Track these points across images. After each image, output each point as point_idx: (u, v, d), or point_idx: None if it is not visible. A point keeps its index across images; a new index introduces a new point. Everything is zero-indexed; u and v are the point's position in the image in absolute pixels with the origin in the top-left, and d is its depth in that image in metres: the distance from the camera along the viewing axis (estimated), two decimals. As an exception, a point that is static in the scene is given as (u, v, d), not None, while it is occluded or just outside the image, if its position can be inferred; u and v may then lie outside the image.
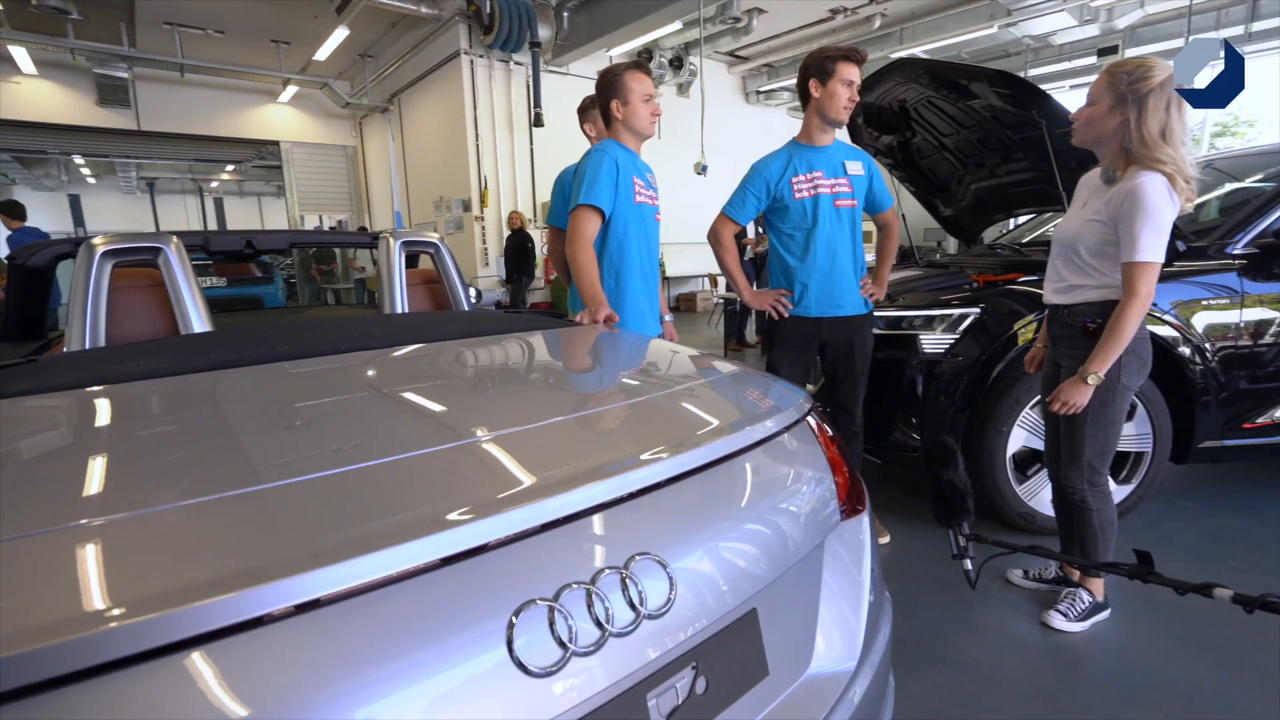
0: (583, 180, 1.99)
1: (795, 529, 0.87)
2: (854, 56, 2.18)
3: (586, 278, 1.92)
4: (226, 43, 10.10)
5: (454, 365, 1.21)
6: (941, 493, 1.63)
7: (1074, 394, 1.71)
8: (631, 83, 2.04)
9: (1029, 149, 2.93)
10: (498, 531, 0.59)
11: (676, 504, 0.75)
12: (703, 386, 1.09)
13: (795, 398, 1.05)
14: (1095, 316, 1.74)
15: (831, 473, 0.98)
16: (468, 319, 1.56)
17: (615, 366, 1.30)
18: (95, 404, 0.95)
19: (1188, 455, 2.45)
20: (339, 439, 0.80)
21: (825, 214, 2.29)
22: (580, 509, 0.65)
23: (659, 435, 0.85)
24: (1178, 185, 1.61)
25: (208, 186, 21.15)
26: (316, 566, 0.50)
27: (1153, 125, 1.60)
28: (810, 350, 2.42)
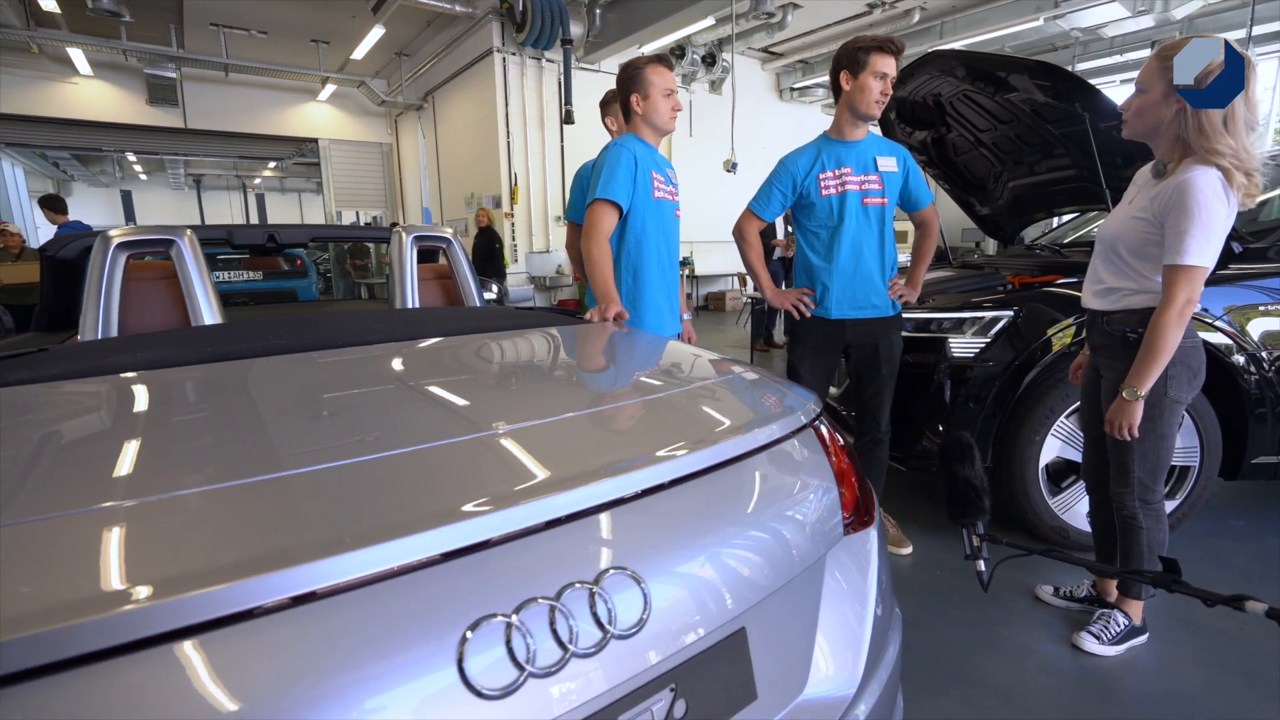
0: (600, 175, 1.96)
1: (792, 543, 0.82)
2: (888, 48, 2.09)
3: (600, 273, 1.88)
4: (269, 43, 10.37)
5: (450, 363, 1.19)
6: (956, 490, 1.56)
7: (1122, 414, 1.60)
8: (652, 76, 1.99)
9: (1071, 145, 2.79)
10: (454, 541, 0.55)
11: (658, 515, 0.70)
12: (703, 389, 1.04)
13: (801, 403, 0.99)
14: (1136, 326, 1.63)
15: (837, 483, 0.92)
16: (475, 315, 1.54)
17: (614, 367, 1.26)
18: (95, 393, 0.95)
19: (1239, 471, 2.30)
20: (315, 437, 0.78)
21: (852, 212, 2.20)
22: (549, 519, 0.61)
23: (645, 441, 0.81)
24: (1234, 180, 1.49)
25: (251, 183, 21.86)
26: (254, 574, 0.47)
27: (1213, 111, 1.47)
28: (832, 353, 2.34)
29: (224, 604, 0.45)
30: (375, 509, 0.59)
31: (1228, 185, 1.48)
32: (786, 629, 0.80)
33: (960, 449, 1.57)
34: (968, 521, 1.53)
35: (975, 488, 1.52)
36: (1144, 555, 1.74)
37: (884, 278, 2.26)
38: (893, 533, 2.43)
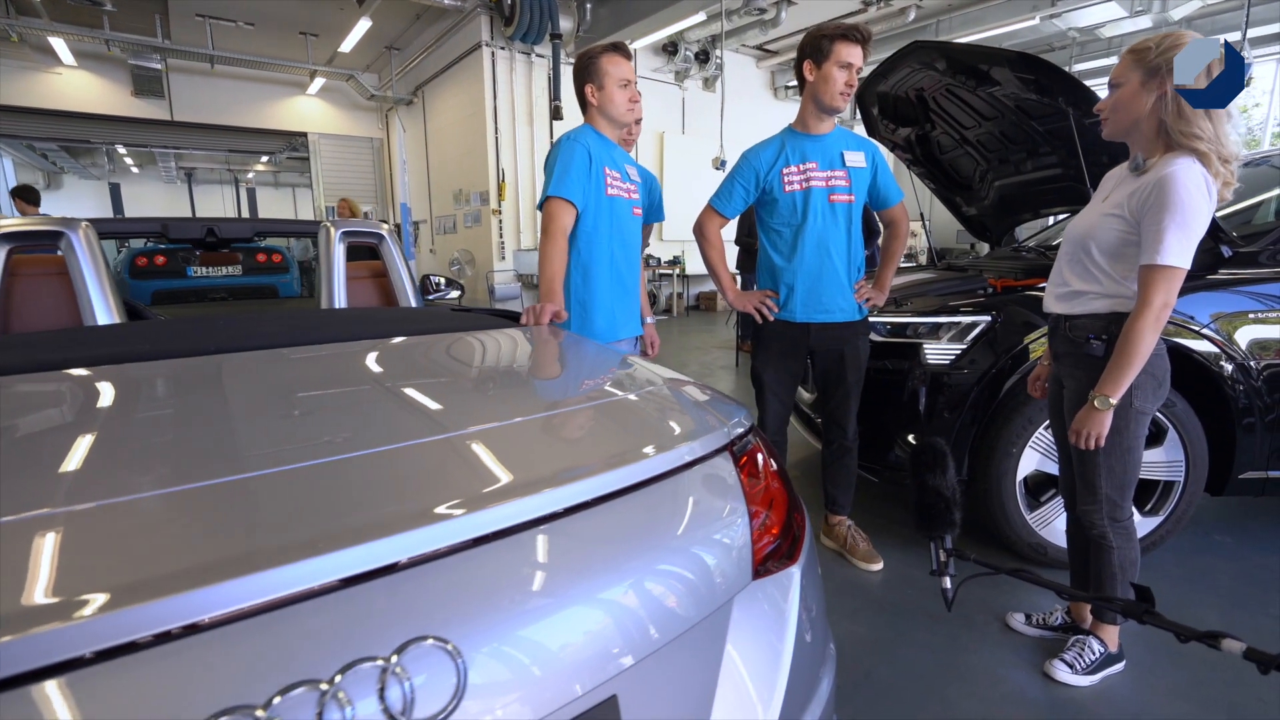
0: (552, 171, 1.84)
1: (685, 590, 0.70)
2: (853, 36, 1.97)
3: (546, 271, 1.76)
4: (256, 35, 10.22)
5: (347, 372, 1.07)
6: (925, 500, 1.45)
7: (1089, 423, 1.49)
8: (607, 66, 1.87)
9: (1057, 142, 2.68)
10: (204, 610, 0.43)
11: (496, 567, 0.58)
12: (609, 407, 0.92)
13: (719, 423, 0.87)
14: (1099, 333, 1.52)
15: (753, 517, 0.81)
16: (399, 317, 1.42)
17: (521, 380, 1.13)
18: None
19: (1226, 486, 2.19)
20: (143, 459, 0.66)
21: (817, 209, 2.09)
22: (344, 576, 0.49)
23: (510, 472, 0.69)
24: (1213, 167, 1.38)
25: (244, 177, 21.69)
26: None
27: None
28: (797, 357, 2.22)
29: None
30: (104, 574, 0.47)
31: (1209, 178, 1.38)
32: (675, 692, 0.68)
33: (933, 456, 1.46)
34: (935, 535, 1.42)
35: (945, 499, 1.41)
36: (1115, 576, 1.63)
37: (850, 280, 2.15)
38: (863, 547, 2.32)
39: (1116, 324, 1.49)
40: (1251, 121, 14.08)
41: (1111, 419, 1.48)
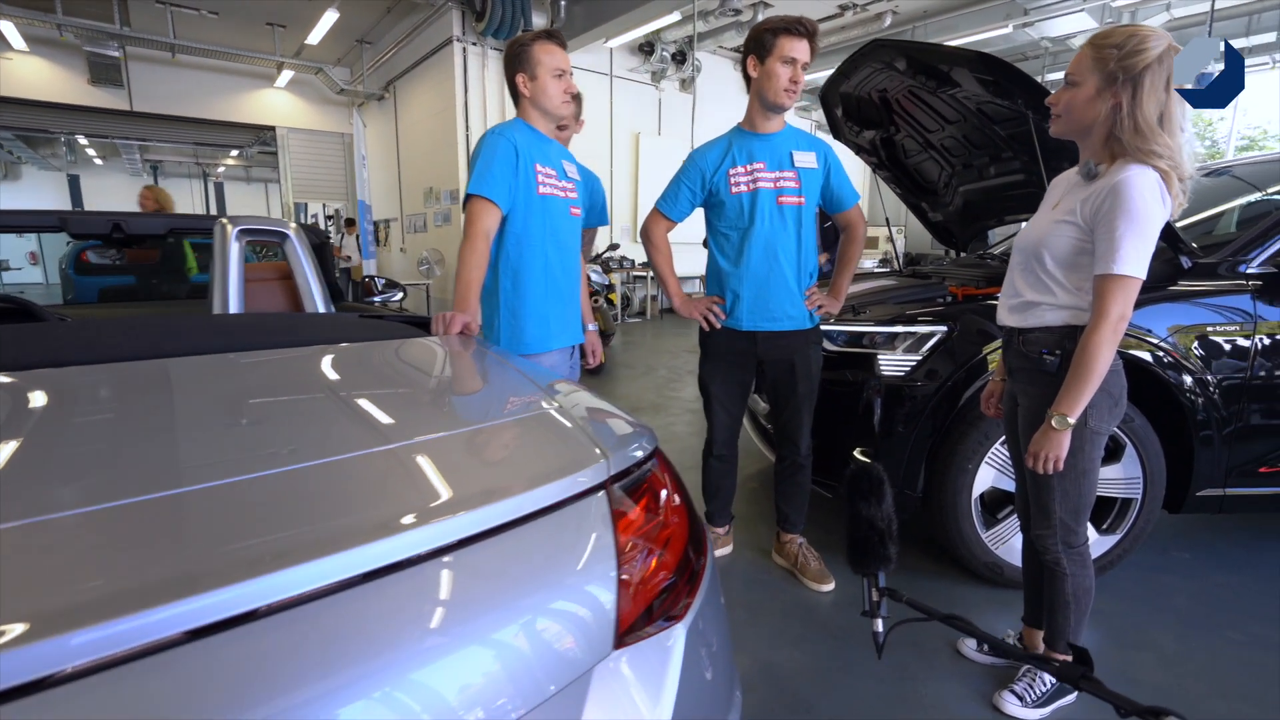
0: (473, 167, 1.70)
1: (521, 667, 0.58)
2: (797, 29, 1.87)
3: (462, 277, 1.62)
4: (220, 24, 9.91)
5: (184, 388, 0.93)
6: (858, 532, 1.35)
7: (1047, 444, 1.40)
8: (540, 54, 1.74)
9: (1019, 147, 2.61)
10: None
11: (270, 647, 0.45)
12: (468, 438, 0.80)
13: (595, 458, 0.75)
14: (1053, 347, 1.43)
15: (619, 570, 0.68)
16: (282, 326, 1.28)
17: (392, 401, 0.99)
18: None
19: (1184, 503, 2.13)
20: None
21: (764, 212, 1.98)
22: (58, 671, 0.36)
23: (310, 523, 0.56)
24: (1173, 185, 1.30)
25: (214, 171, 21.15)
26: None
27: (1150, 109, 1.29)
28: (745, 368, 2.12)
29: None
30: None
31: (1166, 188, 1.30)
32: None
33: (869, 483, 1.37)
34: (868, 571, 1.32)
35: (879, 531, 1.31)
36: (1069, 604, 1.55)
37: (800, 286, 2.04)
38: (815, 567, 2.22)
39: (1072, 338, 1.40)
40: (1216, 134, 14.40)
41: (1070, 439, 1.39)
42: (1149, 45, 1.28)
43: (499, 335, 1.83)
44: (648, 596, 0.75)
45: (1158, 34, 1.30)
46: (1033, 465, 1.43)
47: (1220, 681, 1.73)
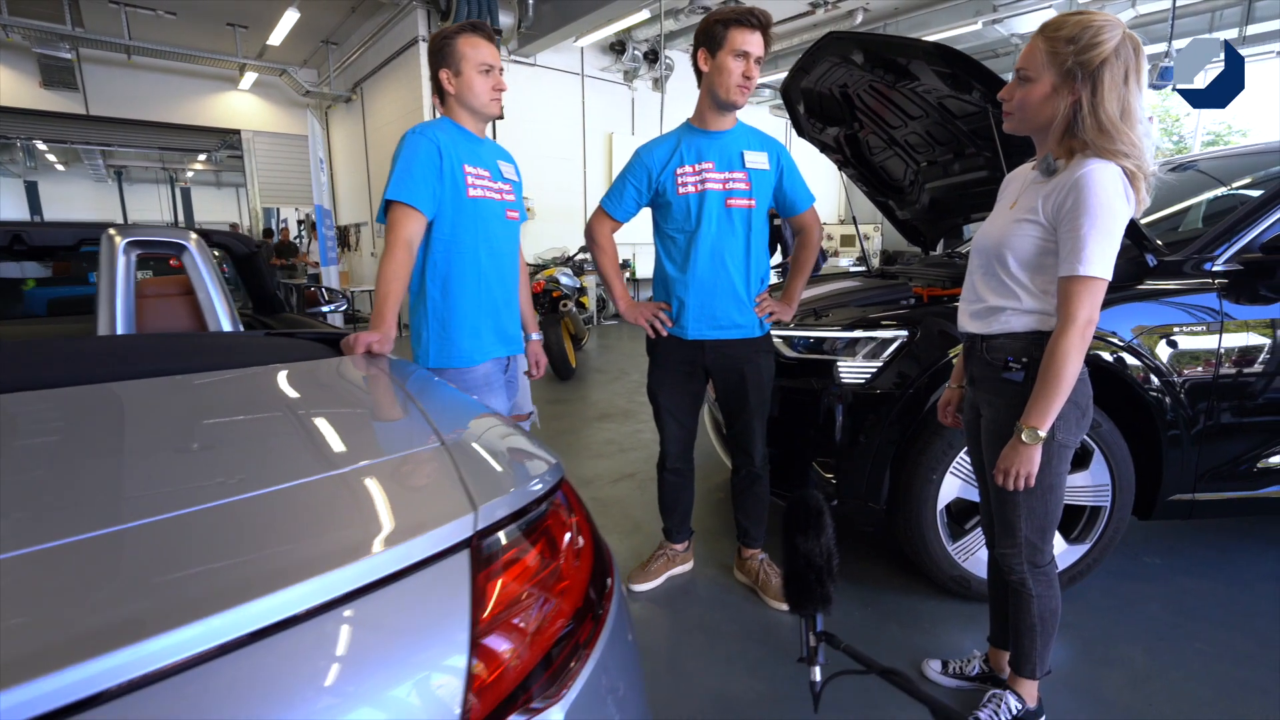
0: (393, 171, 1.58)
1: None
2: (749, 21, 1.76)
3: (378, 291, 1.50)
4: (178, 25, 9.62)
5: (41, 424, 0.80)
6: (795, 568, 1.25)
7: (1016, 459, 1.30)
8: (465, 48, 1.62)
9: (981, 143, 2.53)
10: None
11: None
12: (325, 485, 0.68)
13: (463, 509, 0.64)
14: (1019, 355, 1.34)
15: (472, 654, 0.57)
16: (168, 349, 1.15)
17: (249, 439, 0.86)
18: None
19: (1154, 510, 2.06)
20: None
21: (712, 214, 1.88)
22: None
23: (115, 601, 0.44)
24: (1138, 183, 1.22)
25: (183, 176, 20.68)
26: None
27: (1112, 105, 1.20)
28: (693, 377, 2.01)
29: None
30: None
31: (1130, 185, 1.22)
32: None
33: (806, 514, 1.26)
34: (804, 612, 1.22)
35: (817, 569, 1.21)
36: (1035, 628, 1.46)
37: (750, 292, 1.94)
38: (776, 584, 2.12)
39: (1039, 344, 1.31)
40: (1183, 129, 14.63)
41: (1040, 454, 1.30)
42: (1104, 37, 1.19)
43: (428, 347, 1.71)
44: (552, 634, 0.65)
45: (1111, 22, 1.21)
46: (1001, 482, 1.34)
47: (1190, 701, 1.65)
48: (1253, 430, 2.03)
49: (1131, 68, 1.21)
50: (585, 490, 3.16)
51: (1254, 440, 2.03)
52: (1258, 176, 2.49)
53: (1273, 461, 2.04)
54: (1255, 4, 8.21)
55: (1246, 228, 2.02)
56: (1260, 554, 2.38)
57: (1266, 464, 2.04)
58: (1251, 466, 2.04)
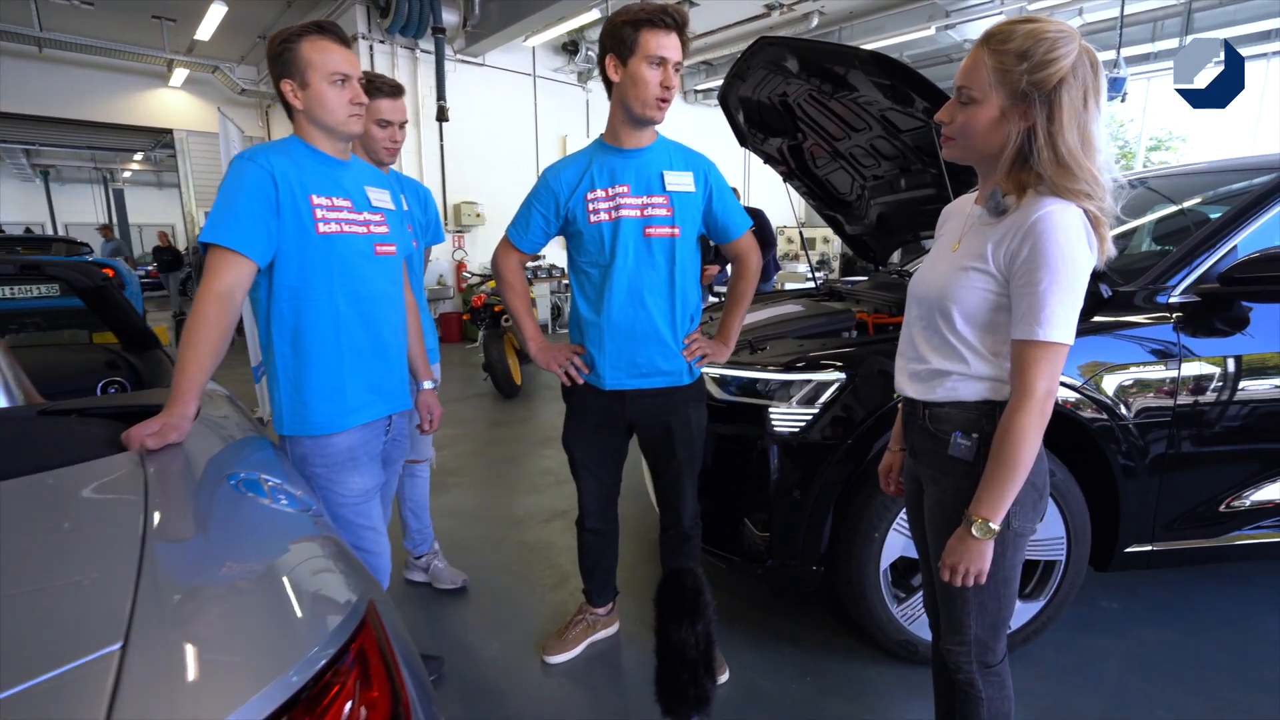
0: (214, 206, 1.29)
1: None
2: (661, 20, 1.52)
3: (182, 356, 1.20)
4: (96, 16, 8.96)
5: None
6: (668, 662, 1.05)
7: (965, 555, 1.10)
8: (311, 54, 1.35)
9: (927, 159, 2.36)
10: None
11: None
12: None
13: None
14: (968, 429, 1.13)
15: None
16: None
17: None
18: None
19: (1111, 561, 1.90)
20: None
21: (628, 246, 1.64)
22: None
23: None
24: (1102, 229, 1.03)
25: (120, 176, 19.62)
26: None
27: (1071, 134, 1.00)
28: (614, 430, 1.78)
29: None
30: None
31: (1093, 230, 1.02)
32: None
33: (680, 596, 1.06)
34: (678, 716, 1.01)
35: (691, 664, 1.00)
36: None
37: (677, 334, 1.71)
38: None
39: (991, 417, 1.11)
40: (1127, 135, 15.05)
41: (993, 547, 1.10)
42: (1060, 51, 0.99)
43: (280, 413, 1.43)
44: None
45: (1066, 33, 1.01)
46: (947, 579, 1.13)
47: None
48: (1215, 475, 1.89)
49: (1090, 88, 1.02)
50: (512, 532, 2.90)
51: (1216, 485, 1.89)
52: (1208, 196, 2.37)
53: (1236, 506, 1.91)
54: (1195, 14, 8.40)
55: (1200, 256, 1.88)
56: (1217, 595, 2.26)
57: (1229, 509, 1.91)
58: (1213, 513, 1.90)
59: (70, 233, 19.09)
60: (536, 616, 2.24)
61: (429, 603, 2.35)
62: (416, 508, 2.42)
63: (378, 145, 1.95)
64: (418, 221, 2.17)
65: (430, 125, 8.37)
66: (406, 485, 2.38)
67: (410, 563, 2.48)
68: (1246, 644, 2.00)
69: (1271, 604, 2.18)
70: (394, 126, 1.94)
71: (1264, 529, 1.94)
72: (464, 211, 8.59)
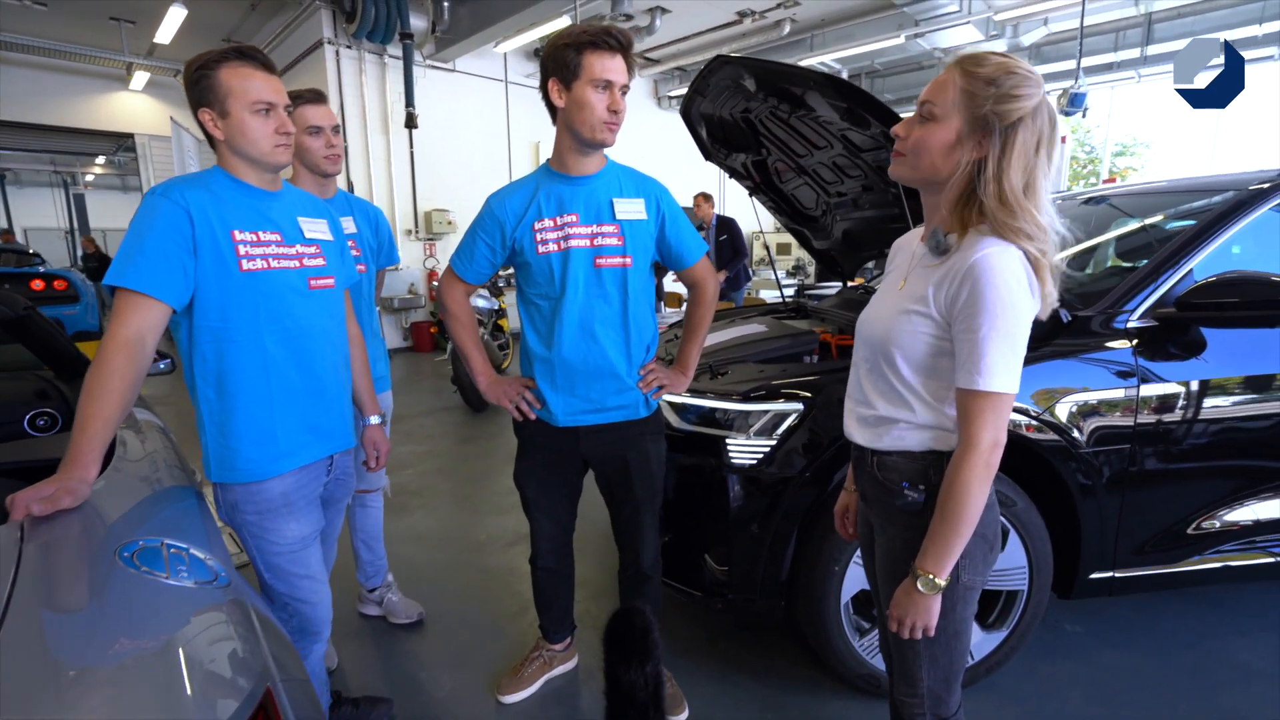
0: (123, 244, 1.21)
1: None
2: (605, 42, 1.46)
3: (82, 410, 1.09)
4: (51, 17, 8.67)
5: None
6: (616, 705, 1.00)
7: (912, 609, 1.06)
8: (230, 81, 1.26)
9: (888, 179, 2.33)
10: None
11: None
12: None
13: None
14: (916, 480, 1.10)
15: None
16: None
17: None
18: None
19: (1074, 588, 1.88)
20: None
21: (578, 277, 1.57)
22: None
23: None
24: (1044, 274, 0.99)
25: (83, 180, 19.06)
26: None
27: (1015, 174, 0.97)
28: (568, 467, 1.71)
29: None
30: None
31: (1034, 274, 0.99)
32: None
33: (630, 636, 1.01)
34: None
35: (640, 706, 0.96)
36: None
37: (631, 366, 1.65)
38: (670, 691, 1.84)
39: (939, 467, 1.07)
40: (1093, 140, 15.37)
41: (942, 601, 1.06)
42: (1027, 90, 0.96)
43: (208, 459, 1.35)
44: None
45: (1034, 78, 0.98)
46: (896, 630, 1.09)
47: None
48: (1177, 498, 1.88)
49: (1045, 138, 0.99)
50: (474, 557, 2.82)
51: (1178, 509, 1.88)
52: (1169, 213, 2.38)
53: (1202, 528, 1.90)
54: (1155, 25, 8.59)
55: (1158, 280, 1.87)
56: (1182, 615, 2.26)
57: (1192, 532, 1.90)
58: (1177, 538, 1.89)
59: (29, 237, 18.53)
60: (494, 649, 2.16)
61: (381, 638, 2.26)
62: (369, 539, 2.33)
63: (316, 156, 1.86)
64: (368, 244, 2.08)
65: (400, 132, 8.22)
66: (358, 516, 2.29)
67: (363, 596, 2.39)
68: (1208, 668, 1.99)
69: (1232, 626, 2.19)
70: (326, 132, 1.86)
71: (1226, 552, 1.94)
72: (435, 219, 8.45)
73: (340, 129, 1.85)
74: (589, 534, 1.94)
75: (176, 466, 1.48)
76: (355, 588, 2.39)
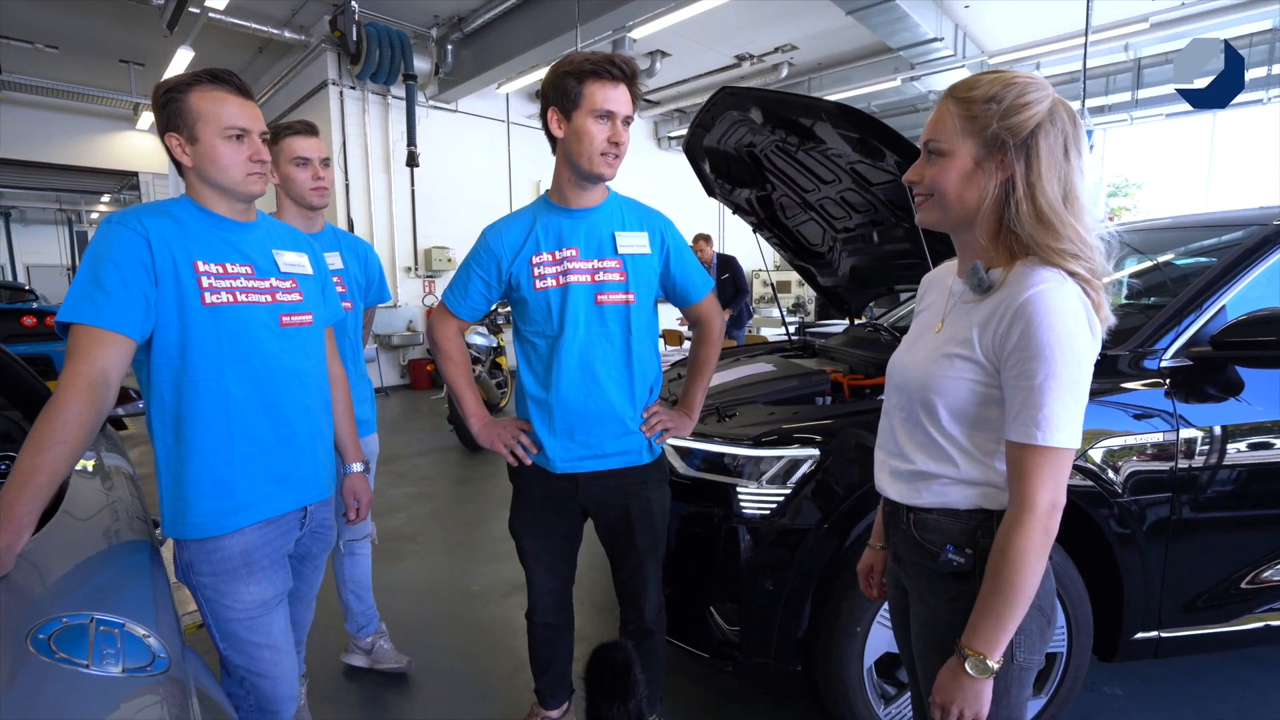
0: (75, 276, 1.11)
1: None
2: (608, 71, 1.40)
3: (24, 461, 0.97)
4: (63, 60, 8.85)
5: None
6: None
7: (958, 695, 0.91)
8: (201, 106, 1.18)
9: (900, 213, 2.27)
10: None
11: None
12: None
13: None
14: (961, 545, 0.97)
15: None
16: None
17: None
18: None
19: (1117, 651, 1.73)
20: None
21: (578, 314, 1.47)
22: None
23: None
24: (1099, 298, 0.89)
25: (87, 218, 19.27)
26: None
27: (1051, 185, 0.88)
28: (566, 516, 1.58)
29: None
30: None
31: (1092, 306, 0.88)
32: None
33: (612, 674, 0.92)
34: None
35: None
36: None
37: (635, 408, 1.53)
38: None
39: (987, 529, 0.94)
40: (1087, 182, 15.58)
41: (994, 685, 0.92)
42: (1031, 97, 0.88)
43: (164, 514, 1.22)
44: None
45: (1037, 82, 0.90)
46: (939, 719, 0.95)
47: None
48: (1228, 549, 1.75)
49: (1071, 138, 0.90)
50: (467, 608, 2.65)
51: (1230, 561, 1.74)
52: (1184, 250, 2.31)
53: (1259, 581, 1.76)
54: (1144, 70, 8.75)
55: (1189, 316, 1.77)
56: (1227, 678, 2.09)
57: (1247, 586, 1.76)
58: (1229, 594, 1.75)
59: (31, 275, 18.64)
60: (486, 712, 1.99)
61: (364, 699, 2.09)
62: (358, 588, 2.18)
63: (302, 188, 1.80)
64: (355, 281, 2.00)
65: (401, 171, 8.28)
66: (346, 565, 2.15)
67: (351, 646, 2.23)
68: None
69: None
70: (314, 164, 1.79)
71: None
72: (435, 256, 8.44)
73: (329, 162, 1.78)
74: (585, 586, 1.79)
75: (139, 518, 1.35)
76: (338, 641, 2.22)
